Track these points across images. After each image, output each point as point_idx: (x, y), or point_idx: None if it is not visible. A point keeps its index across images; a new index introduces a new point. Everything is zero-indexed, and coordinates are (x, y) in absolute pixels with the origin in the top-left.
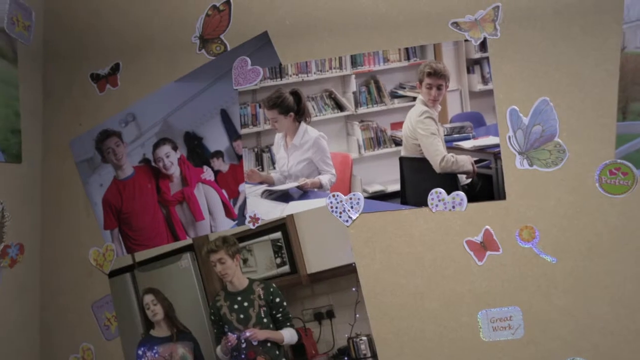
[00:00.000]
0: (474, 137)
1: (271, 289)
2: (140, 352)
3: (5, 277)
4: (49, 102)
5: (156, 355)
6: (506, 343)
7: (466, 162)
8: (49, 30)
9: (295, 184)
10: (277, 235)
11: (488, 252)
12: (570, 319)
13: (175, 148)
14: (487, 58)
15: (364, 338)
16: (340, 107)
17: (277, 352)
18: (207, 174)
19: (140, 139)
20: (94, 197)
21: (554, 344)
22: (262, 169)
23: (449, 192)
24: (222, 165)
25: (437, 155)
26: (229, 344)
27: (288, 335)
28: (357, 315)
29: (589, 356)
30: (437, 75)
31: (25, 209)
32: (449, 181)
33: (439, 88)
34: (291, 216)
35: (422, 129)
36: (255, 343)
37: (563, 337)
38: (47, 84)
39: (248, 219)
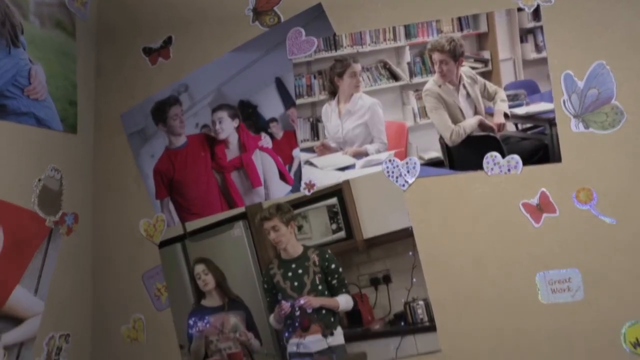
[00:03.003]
0: (527, 104)
1: (326, 255)
2: (191, 322)
3: (61, 244)
4: (101, 76)
5: (207, 325)
6: (565, 305)
7: (472, 123)
8: (103, 6)
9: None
10: (333, 201)
11: (544, 214)
12: (632, 281)
13: (232, 116)
14: (540, 27)
15: (421, 302)
16: (395, 77)
17: (332, 320)
18: (265, 141)
19: (193, 109)
20: (145, 168)
21: (615, 306)
22: (317, 138)
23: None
24: (278, 131)
25: (446, 130)
26: (283, 312)
27: (343, 301)
28: (414, 280)
29: None
30: (439, 51)
31: (79, 180)
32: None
33: (445, 63)
34: (347, 182)
35: (426, 107)
36: (309, 311)
37: (624, 300)
38: (101, 59)
39: (303, 185)
